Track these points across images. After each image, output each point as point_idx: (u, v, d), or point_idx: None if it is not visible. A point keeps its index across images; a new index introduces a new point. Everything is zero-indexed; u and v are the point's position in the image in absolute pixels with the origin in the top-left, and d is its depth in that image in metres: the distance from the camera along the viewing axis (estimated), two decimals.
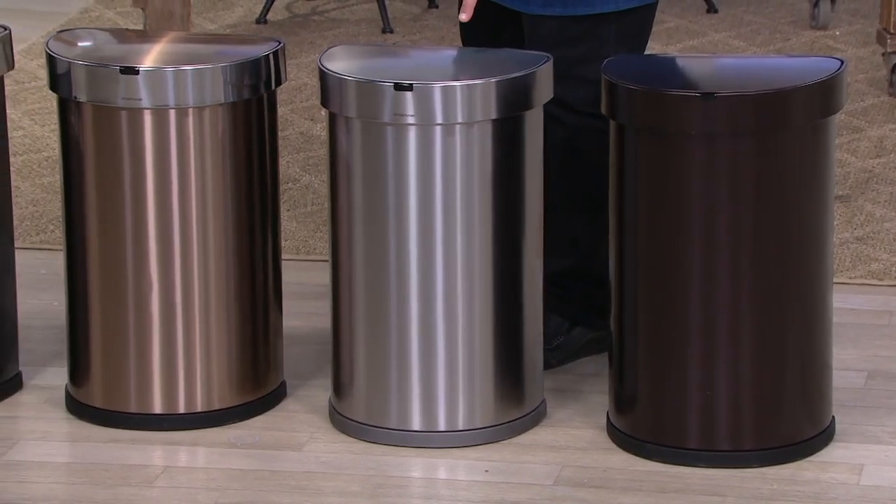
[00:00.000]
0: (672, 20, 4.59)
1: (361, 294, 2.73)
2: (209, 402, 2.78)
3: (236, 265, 2.77)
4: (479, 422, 2.75)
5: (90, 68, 2.70)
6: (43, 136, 3.86)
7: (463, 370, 2.73)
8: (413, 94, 2.65)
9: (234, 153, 2.75)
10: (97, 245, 2.75)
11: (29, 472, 2.64)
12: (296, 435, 2.77)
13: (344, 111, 2.70)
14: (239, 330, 2.79)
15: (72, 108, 2.74)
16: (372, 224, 2.71)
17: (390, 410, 2.74)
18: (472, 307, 2.73)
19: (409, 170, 2.68)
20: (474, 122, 2.69)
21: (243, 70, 2.73)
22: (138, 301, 2.75)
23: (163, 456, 2.71)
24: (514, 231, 2.75)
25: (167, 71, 2.69)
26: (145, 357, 2.76)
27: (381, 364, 2.74)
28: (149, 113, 2.71)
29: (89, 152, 2.74)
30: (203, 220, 2.74)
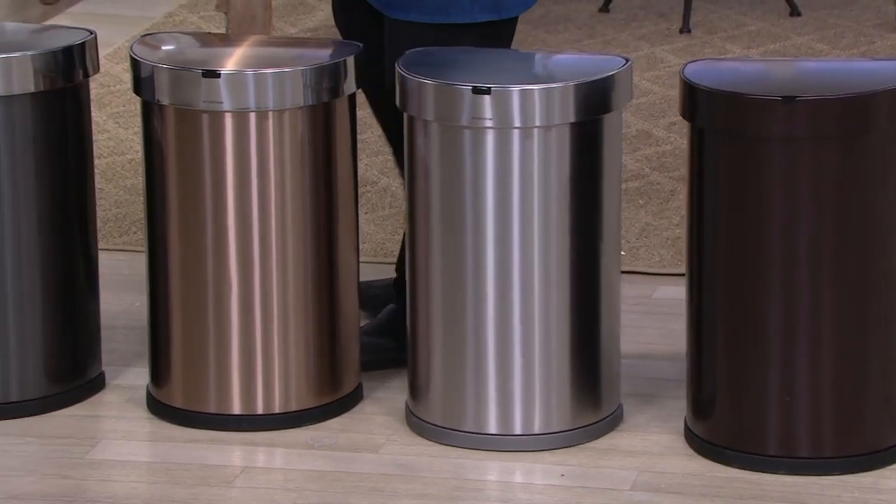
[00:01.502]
0: (754, 23, 4.48)
1: (438, 297, 2.65)
2: (287, 403, 2.72)
3: (315, 267, 2.70)
4: (556, 426, 2.66)
5: (173, 72, 2.64)
6: (127, 138, 3.81)
7: (539, 374, 2.65)
8: (491, 98, 2.57)
9: (313, 156, 2.68)
10: (178, 247, 2.69)
11: (111, 471, 2.59)
12: (372, 437, 2.70)
13: (422, 114, 2.62)
14: (317, 332, 2.72)
15: (155, 112, 2.68)
16: (449, 227, 2.63)
17: (467, 413, 2.66)
18: (549, 311, 2.64)
19: (486, 173, 2.60)
20: (552, 125, 2.60)
21: (323, 73, 2.66)
22: (218, 303, 2.69)
23: (241, 456, 2.65)
24: (591, 235, 2.66)
25: (248, 74, 2.62)
26: (225, 358, 2.70)
27: (458, 367, 2.66)
28: (229, 116, 2.64)
29: (171, 155, 2.68)
30: (282, 222, 2.67)
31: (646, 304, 3.17)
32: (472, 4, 2.72)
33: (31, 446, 2.66)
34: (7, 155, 2.68)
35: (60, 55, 2.69)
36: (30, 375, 2.74)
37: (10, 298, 2.71)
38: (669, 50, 4.38)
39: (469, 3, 2.72)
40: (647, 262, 3.33)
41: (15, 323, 2.72)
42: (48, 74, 2.68)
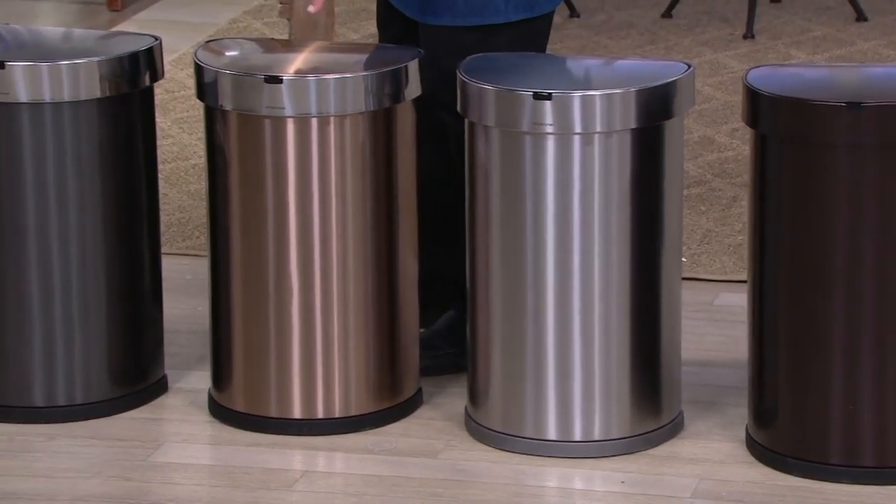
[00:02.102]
0: (819, 29, 4.44)
1: (498, 302, 2.64)
2: (347, 407, 2.72)
3: (375, 272, 2.70)
4: (616, 432, 2.65)
5: (236, 77, 2.65)
6: (191, 144, 3.83)
7: (599, 380, 2.63)
8: (552, 104, 2.56)
9: (373, 161, 2.68)
10: (240, 251, 2.70)
11: (173, 474, 2.60)
12: (432, 442, 2.70)
13: (483, 120, 2.61)
14: (377, 337, 2.72)
15: (217, 117, 2.69)
16: (509, 233, 2.62)
17: (526, 419, 2.65)
18: (609, 317, 2.62)
19: (546, 179, 2.59)
20: (613, 131, 2.58)
21: (384, 79, 2.66)
22: (279, 307, 2.69)
23: (302, 460, 2.65)
24: (652, 241, 2.64)
25: (310, 80, 2.63)
26: (285, 363, 2.70)
27: (518, 373, 2.64)
28: (291, 121, 2.65)
29: (233, 160, 2.68)
30: (343, 227, 2.67)
31: (707, 310, 3.14)
32: (506, 4, 2.71)
33: (95, 448, 2.67)
34: (74, 160, 2.70)
35: (126, 61, 2.71)
36: (94, 378, 2.76)
37: (75, 302, 2.73)
38: (733, 55, 4.35)
39: (503, 2, 2.71)
40: (709, 268, 3.30)
41: (80, 326, 2.74)
42: (114, 80, 2.70)
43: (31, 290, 2.71)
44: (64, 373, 2.74)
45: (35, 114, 2.68)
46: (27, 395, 2.74)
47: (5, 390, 2.74)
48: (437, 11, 2.74)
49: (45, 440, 2.69)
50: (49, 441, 2.69)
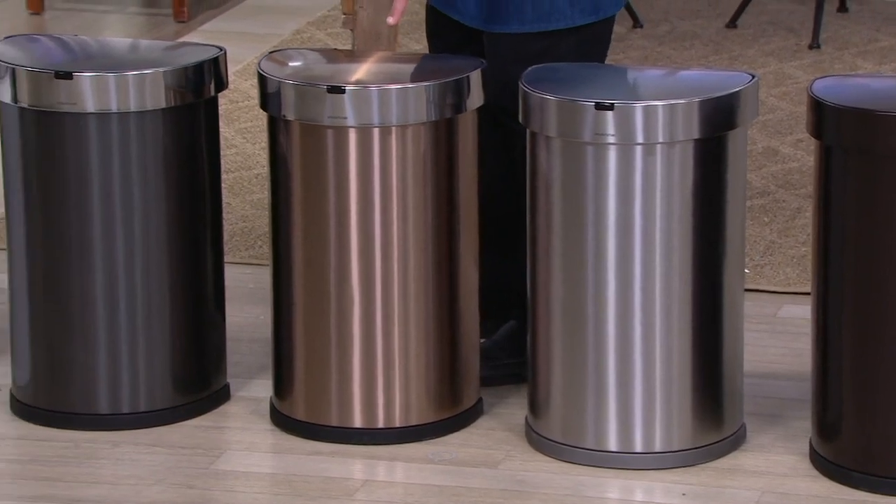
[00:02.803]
0: (886, 39, 4.40)
1: (559, 313, 2.64)
2: (408, 417, 2.72)
3: (436, 282, 2.70)
4: (677, 444, 2.63)
5: (298, 87, 2.66)
6: (254, 153, 3.85)
7: (660, 391, 2.62)
8: (614, 114, 2.55)
9: (435, 171, 2.69)
10: (301, 261, 2.71)
11: (235, 482, 2.61)
12: (492, 452, 2.69)
13: (545, 130, 2.61)
14: (437, 347, 2.72)
15: (280, 127, 2.71)
16: (570, 243, 2.62)
17: (587, 430, 2.64)
18: (671, 328, 2.61)
19: (608, 189, 2.58)
20: (676, 141, 2.57)
21: (446, 89, 2.66)
22: (340, 317, 2.70)
23: (362, 469, 2.66)
24: (714, 252, 2.62)
25: (372, 90, 2.64)
26: (346, 372, 2.71)
27: (578, 383, 2.64)
28: (353, 131, 2.66)
29: (296, 170, 2.70)
30: (404, 237, 2.68)
31: (770, 322, 3.12)
32: (572, 9, 2.72)
33: (158, 456, 2.69)
34: (139, 169, 2.72)
35: (191, 71, 2.73)
36: (158, 386, 2.77)
37: (140, 311, 2.75)
38: (798, 66, 4.32)
39: (568, 7, 2.71)
40: (772, 280, 3.28)
41: (144, 335, 2.76)
42: (179, 90, 2.72)
43: (97, 299, 2.73)
44: (128, 381, 2.76)
45: (102, 123, 2.70)
46: (92, 403, 2.76)
47: (71, 397, 2.77)
48: (504, 19, 2.74)
49: (110, 447, 2.71)
50: (113, 448, 2.71)
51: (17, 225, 2.76)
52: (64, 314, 2.74)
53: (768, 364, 2.96)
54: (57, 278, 2.74)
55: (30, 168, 2.73)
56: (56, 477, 2.63)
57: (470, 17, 2.78)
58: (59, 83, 2.67)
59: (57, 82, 2.67)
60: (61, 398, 2.77)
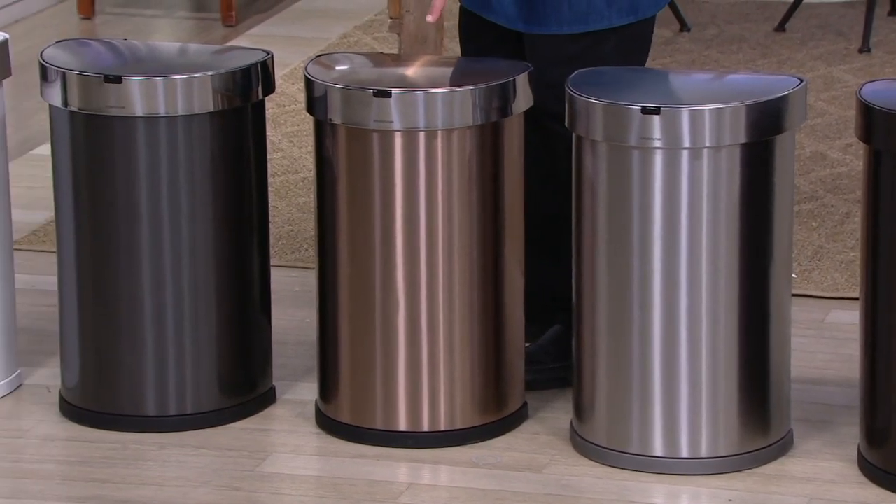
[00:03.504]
0: None
1: (604, 317, 2.63)
2: (452, 421, 2.72)
3: (481, 286, 2.70)
4: (723, 450, 2.62)
5: (345, 91, 2.67)
6: (300, 157, 3.86)
7: (706, 396, 2.61)
8: (661, 118, 2.54)
9: (480, 175, 2.69)
10: (347, 264, 2.72)
11: (281, 484, 2.62)
12: (537, 457, 2.69)
13: (590, 134, 2.61)
14: (482, 351, 2.72)
15: (327, 131, 2.71)
16: (616, 247, 2.61)
17: (632, 435, 2.63)
18: (717, 333, 2.60)
19: (654, 194, 2.58)
20: (722, 146, 2.56)
21: (492, 93, 2.66)
22: (385, 321, 2.70)
23: (407, 473, 2.66)
24: (761, 257, 2.61)
25: (418, 94, 2.64)
26: (391, 375, 2.72)
27: (624, 388, 2.63)
28: (399, 135, 2.66)
29: (342, 174, 2.70)
30: (449, 241, 2.68)
31: (818, 327, 3.10)
32: (609, 9, 2.71)
33: (204, 458, 2.70)
34: (186, 172, 2.74)
35: (239, 75, 2.74)
36: (204, 389, 2.79)
37: (186, 314, 2.76)
38: (847, 70, 4.29)
39: (606, 8, 2.71)
40: (820, 285, 3.26)
41: (191, 337, 2.77)
42: (227, 94, 2.73)
43: (144, 302, 2.75)
44: (175, 383, 2.78)
45: (150, 127, 2.72)
46: (140, 405, 2.78)
47: (119, 399, 2.78)
48: (542, 21, 2.74)
49: (157, 449, 2.72)
50: (160, 450, 2.72)
51: (67, 228, 2.79)
52: (112, 317, 2.76)
53: (816, 370, 2.94)
54: (105, 281, 2.76)
55: (79, 171, 2.75)
56: (104, 478, 2.64)
57: (507, 18, 2.78)
58: (108, 87, 2.69)
59: (106, 86, 2.69)
60: (109, 400, 2.78)
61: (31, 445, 2.73)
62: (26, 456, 2.70)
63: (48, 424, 2.79)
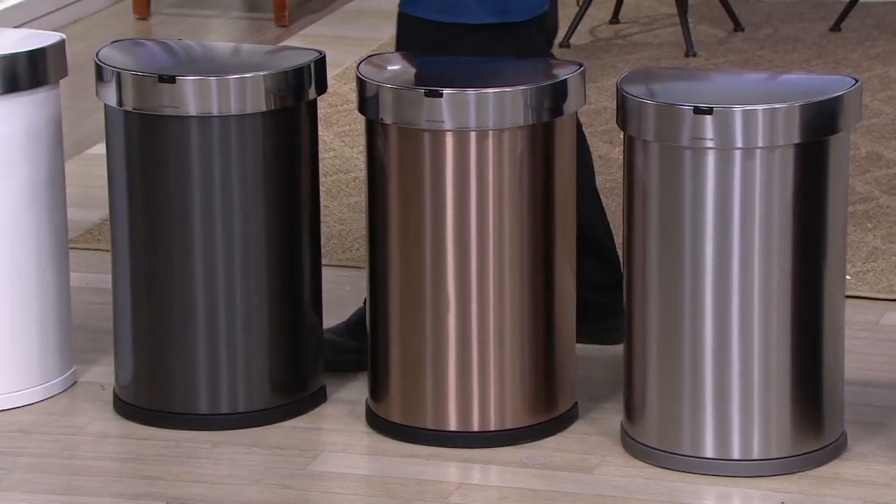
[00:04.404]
0: None
1: (655, 318, 2.62)
2: (503, 421, 2.72)
3: (531, 286, 2.70)
4: (775, 451, 2.60)
5: (396, 91, 2.67)
6: (352, 157, 3.87)
7: (758, 398, 2.59)
8: (713, 118, 2.53)
9: (531, 175, 2.68)
10: (398, 264, 2.72)
11: (331, 483, 2.63)
12: (587, 457, 2.68)
13: (642, 134, 2.59)
14: (532, 351, 2.72)
15: (378, 130, 2.72)
16: (667, 248, 2.60)
17: (683, 436, 2.62)
18: (769, 334, 2.58)
19: (706, 194, 2.56)
20: (776, 146, 2.54)
21: (544, 93, 2.66)
22: (435, 320, 2.70)
23: (457, 473, 2.66)
24: (814, 258, 2.59)
25: (469, 94, 2.64)
26: (442, 375, 2.72)
27: (675, 389, 2.62)
28: (450, 135, 2.66)
29: (393, 174, 2.71)
30: (500, 240, 2.68)
31: (872, 330, 3.07)
32: (479, 6, 2.72)
33: (256, 456, 2.71)
34: (239, 172, 2.75)
35: (291, 75, 2.75)
36: (256, 387, 2.80)
37: (238, 312, 2.77)
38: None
39: (475, 4, 2.71)
40: (875, 287, 3.23)
41: (243, 336, 2.78)
42: (279, 94, 2.74)
43: (197, 301, 2.76)
44: (227, 382, 2.79)
45: (203, 127, 2.73)
46: (192, 403, 2.79)
47: (172, 398, 2.80)
48: (412, 1, 2.76)
49: (209, 447, 2.74)
50: (213, 448, 2.73)
51: (121, 226, 2.80)
52: (165, 315, 2.78)
53: (870, 372, 2.92)
54: (158, 280, 2.77)
55: (133, 171, 2.77)
56: (157, 475, 2.66)
57: None
58: (162, 87, 2.71)
59: (160, 86, 2.71)
60: (162, 398, 2.80)
61: (86, 442, 2.75)
62: (80, 453, 2.72)
63: (102, 422, 2.81)
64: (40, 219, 2.84)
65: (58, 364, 2.90)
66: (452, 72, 2.77)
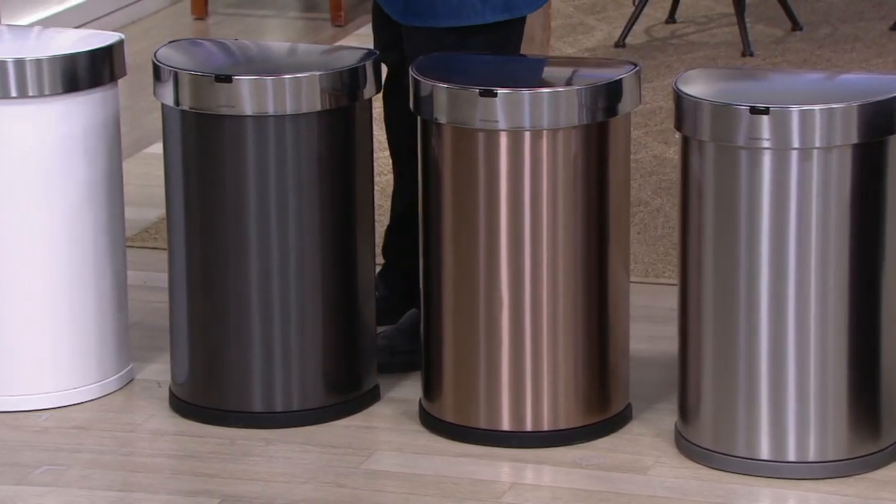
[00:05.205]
0: None
1: (710, 319, 2.60)
2: (556, 421, 2.71)
3: (585, 286, 2.69)
4: (832, 454, 2.58)
5: (450, 91, 2.67)
6: None
7: (815, 400, 2.57)
8: (769, 118, 2.51)
9: (586, 175, 2.67)
10: (451, 263, 2.72)
11: (385, 482, 2.63)
12: (641, 458, 2.67)
13: (697, 134, 2.58)
14: (586, 351, 2.71)
15: (432, 130, 2.71)
16: (722, 249, 2.58)
17: (738, 438, 2.60)
18: (826, 335, 2.56)
19: (762, 195, 2.55)
20: (833, 146, 2.52)
21: (598, 93, 2.64)
22: (489, 320, 2.70)
23: (510, 472, 2.65)
24: (872, 259, 2.57)
25: (523, 94, 2.63)
26: (495, 375, 2.71)
27: (729, 390, 2.60)
28: (505, 135, 2.66)
29: (447, 173, 2.71)
30: (553, 241, 2.67)
31: None
32: (483, 5, 2.73)
33: (310, 454, 2.71)
34: (294, 171, 2.75)
35: (346, 75, 2.75)
36: (310, 386, 2.80)
37: (293, 311, 2.78)
38: None
39: (480, 4, 2.72)
40: None
41: (297, 334, 2.79)
42: (334, 94, 2.74)
43: (252, 300, 2.77)
44: (281, 380, 2.79)
45: (259, 126, 2.74)
46: (247, 401, 2.80)
47: (227, 396, 2.81)
48: (417, 13, 2.77)
49: (263, 445, 2.74)
50: (267, 446, 2.74)
51: (177, 225, 2.82)
52: (220, 314, 2.79)
53: None
54: (213, 279, 2.78)
55: (189, 169, 2.78)
56: (212, 473, 2.67)
57: (392, 9, 2.83)
58: (218, 86, 2.72)
59: (217, 86, 2.72)
60: (217, 396, 2.81)
61: (142, 439, 2.76)
62: (137, 450, 2.74)
63: (158, 419, 2.83)
64: (98, 217, 2.86)
65: (115, 362, 2.92)
66: (507, 72, 2.77)
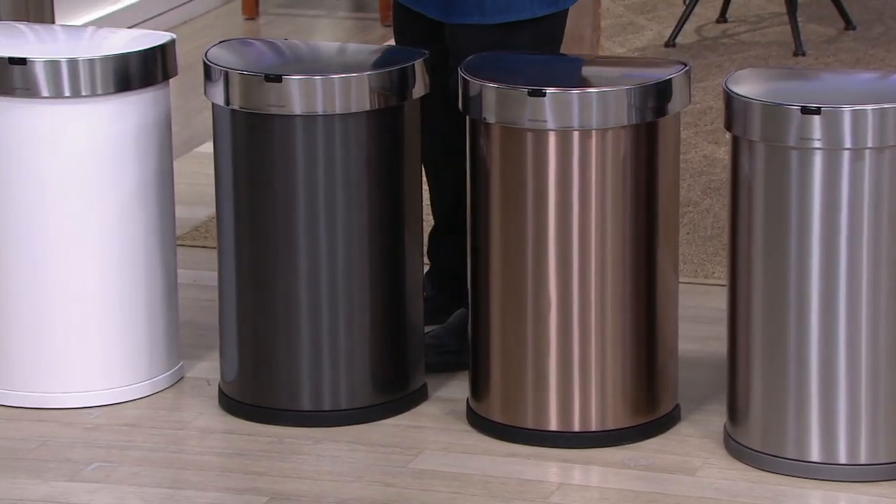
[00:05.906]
0: None
1: (759, 320, 2.59)
2: (604, 421, 2.70)
3: (633, 287, 2.68)
4: (884, 456, 2.56)
5: (499, 90, 2.66)
6: None
7: (866, 401, 2.55)
8: (821, 118, 2.48)
9: (635, 175, 2.66)
10: (499, 262, 2.71)
11: (432, 482, 2.63)
12: (689, 459, 2.65)
13: (748, 134, 2.56)
14: (634, 352, 2.69)
15: (481, 129, 2.71)
16: (772, 250, 2.56)
17: (787, 439, 2.58)
18: (877, 337, 2.54)
19: (813, 196, 2.53)
20: (886, 146, 2.50)
21: (647, 93, 2.63)
22: (537, 320, 2.69)
23: (558, 473, 2.65)
24: None
25: (572, 93, 2.62)
26: (543, 375, 2.70)
27: (779, 391, 2.58)
28: (553, 134, 2.65)
29: (495, 173, 2.70)
30: (602, 241, 2.66)
31: None
32: (531, 1, 2.70)
33: (358, 453, 2.72)
34: (343, 170, 2.76)
35: (395, 75, 2.75)
36: (358, 385, 2.80)
37: (341, 310, 2.78)
38: None
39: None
40: None
41: (345, 333, 2.79)
42: (383, 93, 2.74)
43: (301, 299, 2.77)
44: (330, 379, 2.80)
45: (308, 126, 2.74)
46: (296, 400, 2.80)
47: (276, 394, 2.81)
48: (465, 11, 2.75)
49: (312, 443, 2.75)
50: (315, 444, 2.75)
51: (227, 224, 2.83)
52: (269, 313, 2.79)
53: None
54: (262, 277, 2.79)
55: (239, 169, 2.79)
56: (261, 471, 2.67)
57: (433, 9, 2.79)
58: (268, 86, 2.72)
59: (267, 85, 2.72)
60: (266, 394, 2.82)
61: (192, 437, 2.78)
62: (187, 447, 2.75)
63: (207, 417, 2.84)
64: (149, 216, 2.87)
65: (165, 360, 2.93)
66: (556, 71, 2.76)
